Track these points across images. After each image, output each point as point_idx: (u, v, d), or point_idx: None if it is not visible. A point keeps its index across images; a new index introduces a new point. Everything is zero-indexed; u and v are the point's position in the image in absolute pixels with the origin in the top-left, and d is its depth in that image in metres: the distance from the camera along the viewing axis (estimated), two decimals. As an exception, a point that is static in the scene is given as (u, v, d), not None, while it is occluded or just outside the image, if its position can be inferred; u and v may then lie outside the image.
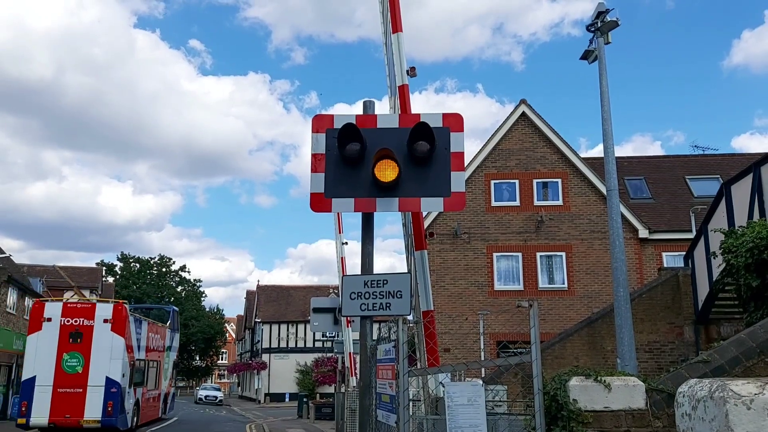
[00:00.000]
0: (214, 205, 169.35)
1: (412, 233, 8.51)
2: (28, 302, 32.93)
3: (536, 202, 22.84)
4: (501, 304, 21.42)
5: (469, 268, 22.26)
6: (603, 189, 20.11)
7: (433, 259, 21.22)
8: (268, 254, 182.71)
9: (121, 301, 23.47)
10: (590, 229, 22.47)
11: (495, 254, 22.40)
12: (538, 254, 22.34)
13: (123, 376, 21.26)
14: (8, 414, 29.24)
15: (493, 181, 23.08)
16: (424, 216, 12.28)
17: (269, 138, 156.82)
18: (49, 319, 20.89)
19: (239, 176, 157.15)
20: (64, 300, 25.54)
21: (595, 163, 23.22)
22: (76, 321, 21.09)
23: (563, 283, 22.20)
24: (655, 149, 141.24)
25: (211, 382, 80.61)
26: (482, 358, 18.64)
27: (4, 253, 31.90)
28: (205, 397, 53.50)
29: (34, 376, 20.50)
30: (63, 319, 21.00)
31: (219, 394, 55.51)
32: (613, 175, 13.12)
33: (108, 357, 20.89)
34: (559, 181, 23.04)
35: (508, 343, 19.46)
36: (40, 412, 20.13)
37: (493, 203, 22.94)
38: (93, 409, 20.47)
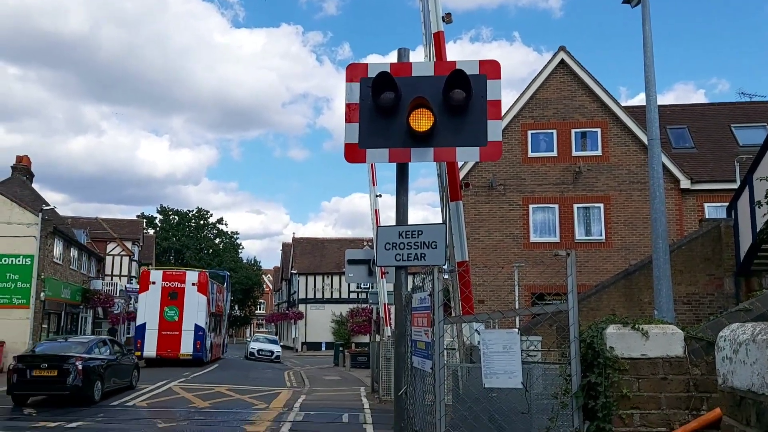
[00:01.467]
0: (249, 159, 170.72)
1: (447, 184, 8.46)
2: (74, 253, 34.02)
3: (574, 153, 22.42)
4: (536, 257, 21.32)
5: (504, 220, 22.13)
6: (644, 138, 19.61)
7: (468, 211, 21.12)
8: (302, 207, 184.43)
9: (203, 270, 33.06)
10: (629, 179, 22.02)
11: (531, 206, 22.18)
12: (576, 206, 22.05)
13: (206, 323, 30.17)
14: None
15: (530, 132, 22.68)
16: (459, 166, 12.18)
17: (302, 91, 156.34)
18: (154, 283, 29.87)
19: (273, 129, 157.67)
20: (163, 269, 34.91)
21: (636, 112, 22.60)
22: (172, 284, 30.10)
23: (600, 235, 21.94)
24: (698, 98, 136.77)
25: (264, 331, 70.11)
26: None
27: (49, 205, 32.82)
28: (258, 351, 38.87)
29: (145, 323, 29.27)
30: (163, 282, 29.99)
31: (276, 348, 39.71)
32: (654, 123, 12.73)
33: (195, 310, 29.65)
34: (599, 130, 22.52)
35: (542, 294, 19.44)
36: (150, 348, 28.34)
37: (530, 154, 22.59)
38: (186, 346, 29.31)
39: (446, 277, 7.81)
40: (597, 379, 4.22)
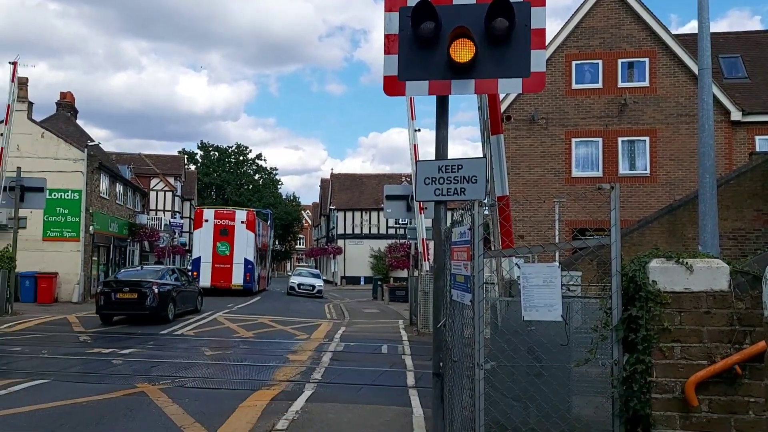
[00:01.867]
0: (286, 94, 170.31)
1: (488, 117, 8.30)
2: (119, 188, 34.88)
3: (620, 84, 21.68)
4: (578, 192, 21.01)
5: (545, 155, 21.75)
6: (694, 68, 18.79)
7: (509, 146, 20.78)
8: (340, 143, 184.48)
9: (251, 209, 36.56)
10: (677, 112, 21.28)
11: (573, 140, 21.70)
12: (620, 139, 21.50)
13: (254, 258, 33.31)
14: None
15: (574, 63, 21.94)
16: (500, 99, 11.91)
17: (338, 23, 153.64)
18: (207, 220, 32.91)
19: (310, 64, 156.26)
20: (215, 208, 37.53)
21: (686, 41, 21.59)
22: (223, 222, 32.88)
23: (645, 170, 21.44)
24: (753, 24, 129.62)
25: (305, 265, 67.58)
26: (556, 245, 18.57)
27: (94, 141, 33.48)
28: (299, 286, 36.58)
29: (200, 257, 32.51)
30: (215, 220, 32.89)
31: (317, 283, 37.47)
32: (706, 52, 12.15)
33: (245, 245, 32.62)
34: (647, 60, 21.65)
35: (584, 230, 19.25)
36: (205, 279, 30.52)
37: (574, 86, 21.93)
38: (237, 278, 32.42)
39: (486, 212, 7.78)
40: (638, 313, 4.20)
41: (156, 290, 18.26)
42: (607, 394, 4.73)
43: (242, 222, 33.08)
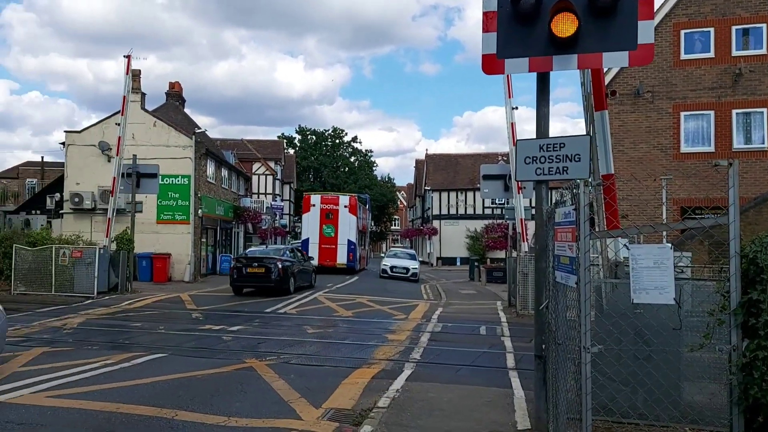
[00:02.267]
0: (380, 76, 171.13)
1: (591, 92, 8.00)
2: (224, 173, 36.47)
3: (734, 53, 20.23)
4: (687, 168, 19.90)
5: (651, 130, 20.71)
6: (821, 32, 17.25)
7: (611, 121, 19.89)
8: (434, 123, 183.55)
9: (353, 194, 39.11)
10: (800, 80, 19.63)
11: (682, 113, 20.52)
12: (734, 111, 20.11)
13: (356, 238, 36.18)
14: (218, 269, 33.53)
15: (683, 31, 20.67)
16: (604, 72, 11.44)
17: (432, 2, 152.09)
18: (314, 205, 35.96)
19: (403, 45, 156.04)
20: (321, 194, 39.92)
21: (811, 2, 19.81)
22: (328, 206, 35.89)
23: (762, 143, 19.98)
24: None
25: (388, 246, 69.48)
26: (663, 225, 17.70)
27: (200, 128, 35.13)
28: (392, 269, 33.83)
29: (308, 238, 35.45)
30: (322, 205, 35.91)
31: (412, 265, 34.39)
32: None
33: (348, 227, 35.53)
34: (764, 26, 20.05)
35: (695, 208, 18.23)
36: (312, 258, 30.74)
37: (683, 56, 20.68)
38: (341, 257, 35.31)
39: (591, 192, 7.54)
40: (759, 296, 3.97)
41: (280, 266, 21.17)
42: (722, 380, 4.52)
43: (345, 206, 35.96)
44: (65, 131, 29.90)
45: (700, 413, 5.43)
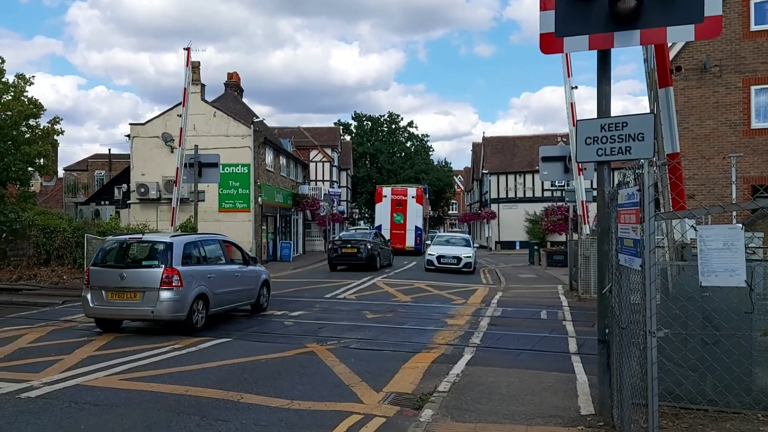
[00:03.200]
0: (435, 60, 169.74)
1: (655, 69, 7.72)
2: (282, 161, 37.04)
3: (809, 22, 19.12)
4: (759, 144, 18.99)
5: (719, 106, 19.83)
6: None
7: (676, 98, 19.12)
8: (490, 105, 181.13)
9: (419, 186, 44.60)
10: None
11: (753, 87, 19.53)
12: (810, 84, 19.04)
13: (422, 225, 41.95)
14: (278, 256, 34.18)
15: (753, 1, 19.64)
16: (668, 47, 11.01)
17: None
18: (385, 196, 41.46)
19: (457, 27, 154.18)
20: (391, 186, 44.85)
21: None
22: (398, 197, 41.25)
23: (840, 117, 18.87)
24: None
25: (446, 230, 70.20)
26: (733, 204, 16.98)
27: (258, 118, 35.73)
28: (438, 259, 27.37)
29: (380, 225, 40.49)
30: (392, 196, 41.33)
31: (464, 253, 27.65)
32: None
33: (415, 215, 40.85)
34: (843, -8, 18.86)
35: (766, 187, 17.42)
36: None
37: (753, 27, 19.63)
38: (410, 241, 40.45)
39: (654, 170, 7.30)
40: (839, 279, 3.77)
41: (368, 246, 26.25)
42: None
43: (413, 197, 41.32)
44: (130, 124, 30.97)
45: (775, 400, 5.23)
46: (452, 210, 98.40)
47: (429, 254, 28.16)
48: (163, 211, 28.24)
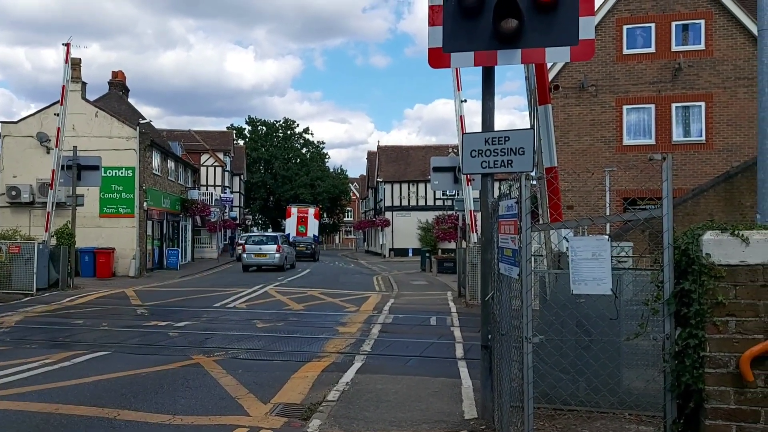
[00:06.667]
0: (332, 68, 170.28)
1: (535, 86, 8.13)
2: (171, 164, 35.69)
3: (674, 48, 20.90)
4: (629, 160, 20.50)
5: (595, 123, 21.22)
6: (753, 29, 17.94)
7: (557, 114, 20.35)
8: (386, 115, 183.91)
9: (317, 207, 59.31)
10: (735, 75, 20.42)
11: (625, 107, 21.09)
12: (674, 105, 20.80)
13: (318, 235, 54.02)
14: (165, 264, 32.86)
15: (625, 27, 21.22)
16: (548, 67, 11.64)
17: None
18: (293, 213, 54.56)
19: (354, 37, 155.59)
20: (297, 206, 57.08)
21: (744, 0, 20.60)
22: (302, 214, 54.38)
23: (700, 136, 20.72)
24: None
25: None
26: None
27: (145, 119, 34.24)
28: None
29: (289, 233, 47.38)
30: (298, 213, 54.35)
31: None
32: (767, 11, 11.60)
33: (313, 227, 54.04)
34: (702, 22, 20.78)
35: (635, 200, 18.80)
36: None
37: (625, 51, 21.23)
38: (309, 247, 46.92)
39: (533, 183, 7.67)
40: (691, 286, 4.11)
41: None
42: (659, 367, 4.67)
43: (312, 214, 55.06)
44: (1, 122, 28.70)
45: (638, 399, 5.61)
46: (348, 217, 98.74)
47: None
48: (37, 216, 26.33)
